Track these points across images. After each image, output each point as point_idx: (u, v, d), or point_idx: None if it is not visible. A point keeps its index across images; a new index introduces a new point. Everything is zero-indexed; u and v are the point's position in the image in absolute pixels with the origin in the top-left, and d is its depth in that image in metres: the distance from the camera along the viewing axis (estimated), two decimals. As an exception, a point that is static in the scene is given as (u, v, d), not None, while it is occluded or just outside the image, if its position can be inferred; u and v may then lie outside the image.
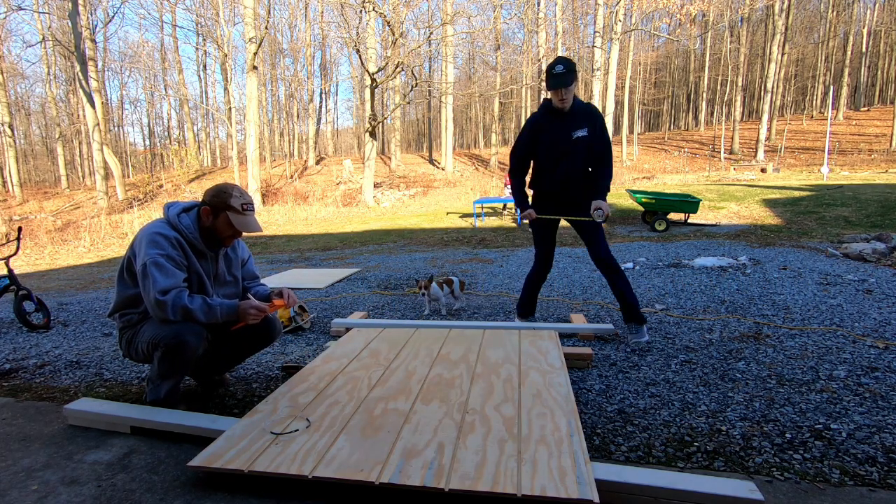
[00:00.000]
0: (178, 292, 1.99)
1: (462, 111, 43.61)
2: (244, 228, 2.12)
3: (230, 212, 2.11)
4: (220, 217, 2.12)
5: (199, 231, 2.14)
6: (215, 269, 2.25)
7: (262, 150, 25.18)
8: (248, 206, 2.15)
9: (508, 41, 32.62)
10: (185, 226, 2.10)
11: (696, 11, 22.23)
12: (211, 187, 2.16)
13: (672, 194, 9.51)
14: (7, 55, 27.93)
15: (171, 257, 2.01)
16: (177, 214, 2.12)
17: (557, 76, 2.72)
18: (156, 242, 2.02)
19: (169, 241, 2.04)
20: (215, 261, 2.25)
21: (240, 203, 2.12)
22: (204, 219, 2.14)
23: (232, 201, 2.10)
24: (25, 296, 3.83)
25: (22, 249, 10.95)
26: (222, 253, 2.27)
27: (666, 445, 1.87)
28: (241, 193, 2.15)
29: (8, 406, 2.36)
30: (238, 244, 2.42)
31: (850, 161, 22.32)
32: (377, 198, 19.04)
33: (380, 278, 5.42)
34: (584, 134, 2.86)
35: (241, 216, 2.12)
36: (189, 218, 2.14)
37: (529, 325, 3.19)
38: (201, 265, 2.16)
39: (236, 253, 2.39)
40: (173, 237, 2.05)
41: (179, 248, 2.06)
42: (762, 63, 32.06)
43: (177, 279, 2.00)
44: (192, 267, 2.11)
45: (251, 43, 17.02)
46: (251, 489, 1.61)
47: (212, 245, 2.20)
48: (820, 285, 4.17)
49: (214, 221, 2.13)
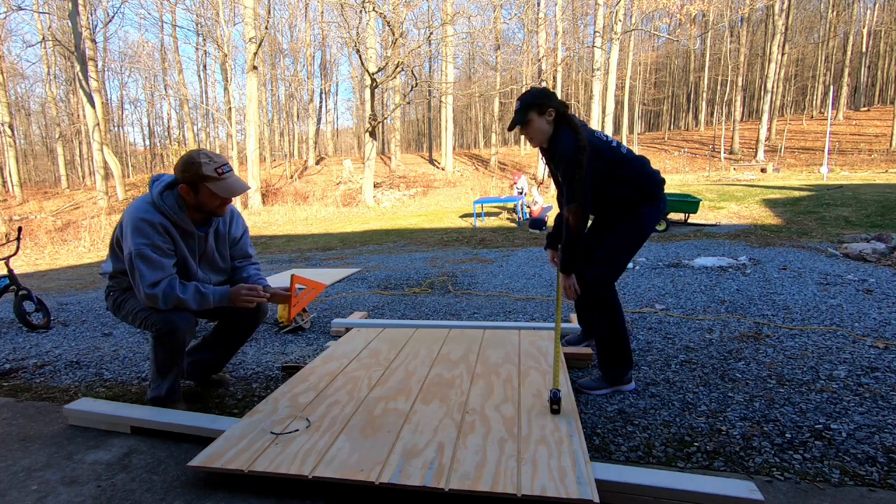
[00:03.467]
0: (169, 282, 1.96)
1: (462, 111, 43.60)
2: (229, 193, 2.00)
3: (208, 182, 1.96)
4: (202, 190, 1.98)
5: (184, 209, 2.03)
6: (204, 247, 2.15)
7: (262, 150, 25.18)
8: (224, 168, 1.99)
9: (508, 41, 32.64)
10: (168, 206, 1.99)
11: (696, 11, 22.23)
12: (178, 161, 2.00)
13: (672, 194, 9.51)
14: (7, 55, 27.92)
15: (156, 246, 1.94)
16: (160, 193, 2.00)
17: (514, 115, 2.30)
18: (140, 230, 1.94)
19: (154, 228, 1.95)
20: (205, 240, 2.14)
21: (213, 169, 1.96)
22: (186, 197, 2.01)
23: (204, 170, 1.94)
24: (25, 296, 3.83)
25: (22, 249, 10.95)
26: (213, 229, 2.16)
27: (666, 445, 1.87)
28: (211, 157, 1.98)
29: (8, 406, 2.36)
30: (235, 218, 2.30)
31: (850, 161, 22.32)
32: (377, 198, 19.04)
33: (380, 278, 5.42)
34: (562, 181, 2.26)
35: (220, 182, 1.97)
36: (172, 196, 2.02)
37: (529, 325, 3.19)
38: (187, 246, 2.08)
39: (228, 229, 2.27)
40: (158, 223, 1.96)
41: (165, 233, 1.98)
42: (762, 63, 32.06)
43: (164, 270, 1.96)
44: (177, 251, 2.04)
45: (251, 43, 17.02)
46: (251, 489, 1.61)
47: (201, 221, 2.11)
48: (820, 285, 4.17)
49: (197, 196, 2.00)
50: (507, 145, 37.55)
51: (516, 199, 11.61)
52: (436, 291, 4.75)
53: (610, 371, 2.33)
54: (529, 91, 2.32)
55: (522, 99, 2.29)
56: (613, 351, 2.32)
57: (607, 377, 2.34)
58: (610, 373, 2.33)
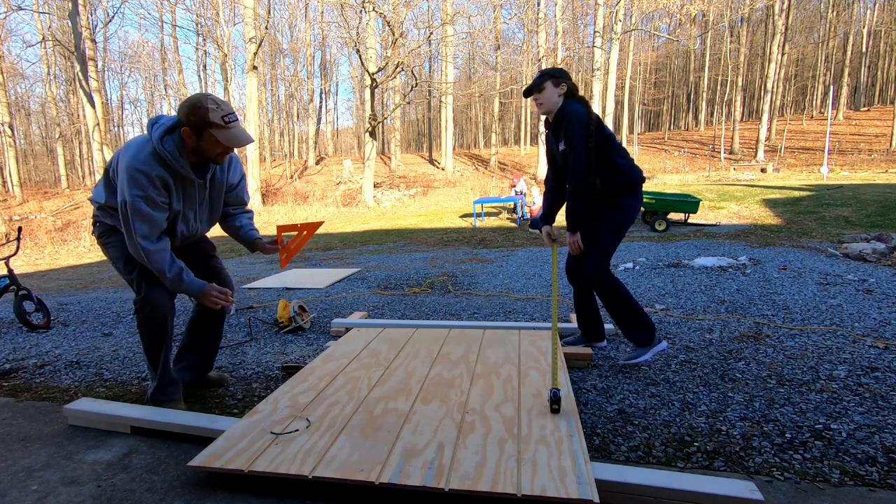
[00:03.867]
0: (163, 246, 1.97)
1: (462, 111, 43.60)
2: (233, 143, 1.95)
3: (213, 129, 1.90)
4: (205, 136, 1.92)
5: (184, 155, 1.97)
6: (202, 195, 2.13)
7: (262, 150, 25.18)
8: (231, 117, 1.94)
9: (508, 41, 32.64)
10: (168, 152, 1.93)
11: (696, 11, 22.24)
12: (183, 103, 1.95)
13: (672, 194, 9.52)
14: (7, 55, 27.92)
15: (150, 199, 1.91)
16: (160, 138, 1.94)
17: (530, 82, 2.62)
18: (136, 181, 1.89)
19: (150, 181, 1.91)
20: (203, 187, 2.12)
21: (220, 116, 1.90)
22: (188, 141, 1.95)
23: (211, 116, 1.89)
24: (25, 296, 3.83)
25: (22, 249, 10.95)
26: (210, 176, 2.12)
27: (666, 445, 1.87)
28: (219, 104, 1.92)
29: (8, 406, 2.36)
30: (234, 164, 2.27)
31: (850, 161, 22.32)
32: (377, 198, 19.04)
33: (380, 278, 5.42)
34: (563, 148, 2.55)
35: (225, 130, 1.92)
36: (173, 141, 1.95)
37: (529, 325, 3.19)
38: (186, 195, 2.06)
39: (226, 175, 2.24)
40: (156, 176, 1.91)
41: (163, 187, 1.95)
42: (762, 63, 32.06)
43: (155, 224, 1.95)
44: (171, 202, 2.00)
45: (251, 43, 17.02)
46: (251, 489, 1.61)
47: (198, 167, 2.06)
48: (820, 285, 4.17)
49: (199, 142, 1.94)
50: (507, 145, 37.57)
51: (516, 200, 11.61)
52: (436, 291, 4.75)
53: (638, 339, 2.55)
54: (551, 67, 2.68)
55: (542, 70, 2.62)
56: (631, 321, 2.55)
57: (639, 344, 2.56)
58: (639, 340, 2.55)
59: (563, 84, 2.56)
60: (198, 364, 2.48)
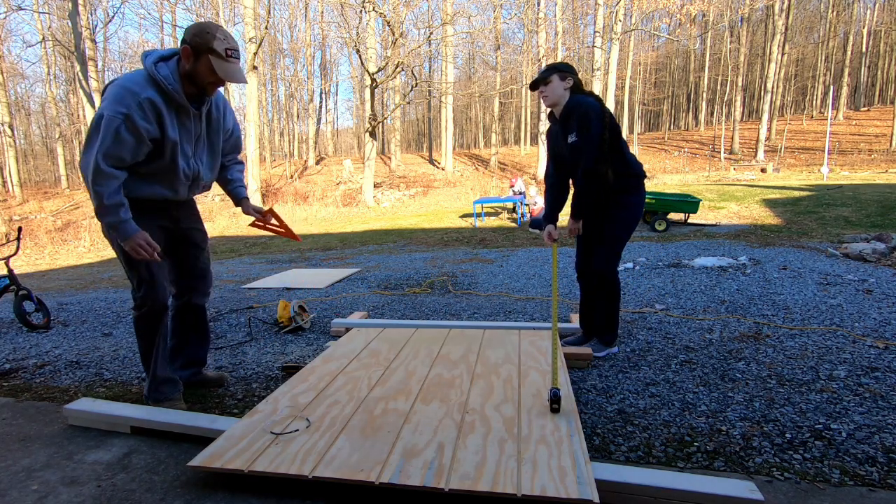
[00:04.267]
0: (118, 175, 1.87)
1: (462, 111, 43.61)
2: (228, 77, 1.90)
3: (213, 56, 1.87)
4: (202, 60, 1.88)
5: (179, 81, 1.91)
6: (198, 129, 2.07)
7: (262, 150, 25.16)
8: (233, 53, 1.91)
9: (508, 41, 32.66)
10: (163, 76, 1.87)
11: (696, 11, 22.23)
12: (191, 25, 1.92)
13: (672, 194, 9.52)
14: (7, 55, 27.93)
15: (131, 122, 1.81)
16: (154, 63, 1.88)
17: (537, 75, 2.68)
18: (121, 99, 1.81)
19: (138, 103, 1.82)
20: (199, 120, 2.06)
21: (224, 48, 1.88)
22: (184, 62, 1.90)
23: (216, 44, 1.87)
24: (25, 296, 3.83)
25: (22, 249, 10.95)
26: (205, 110, 2.08)
27: (666, 445, 1.87)
28: (226, 36, 1.91)
29: (8, 406, 2.36)
30: (226, 107, 2.23)
31: (850, 161, 22.32)
32: (377, 198, 19.04)
33: (380, 278, 5.42)
34: (574, 139, 2.57)
35: (224, 62, 1.89)
36: (168, 68, 1.90)
37: (529, 325, 3.19)
38: (181, 124, 1.99)
39: (223, 116, 2.19)
40: (145, 98, 1.83)
41: (152, 110, 1.86)
42: (762, 63, 32.07)
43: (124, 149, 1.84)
44: (165, 131, 1.92)
45: (251, 43, 17.02)
46: (251, 489, 1.61)
47: (193, 98, 1.99)
48: (820, 285, 4.17)
49: (195, 64, 1.89)
50: (507, 145, 37.58)
51: (515, 200, 11.61)
52: (436, 291, 4.75)
53: (606, 338, 2.82)
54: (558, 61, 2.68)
55: (549, 64, 2.69)
56: (612, 321, 2.79)
57: (604, 341, 2.82)
58: (606, 339, 2.82)
59: (569, 78, 2.61)
60: (192, 361, 2.49)
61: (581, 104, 2.54)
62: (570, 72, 2.63)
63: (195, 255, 2.38)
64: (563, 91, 2.63)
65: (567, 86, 2.62)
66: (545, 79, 2.62)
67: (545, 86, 2.63)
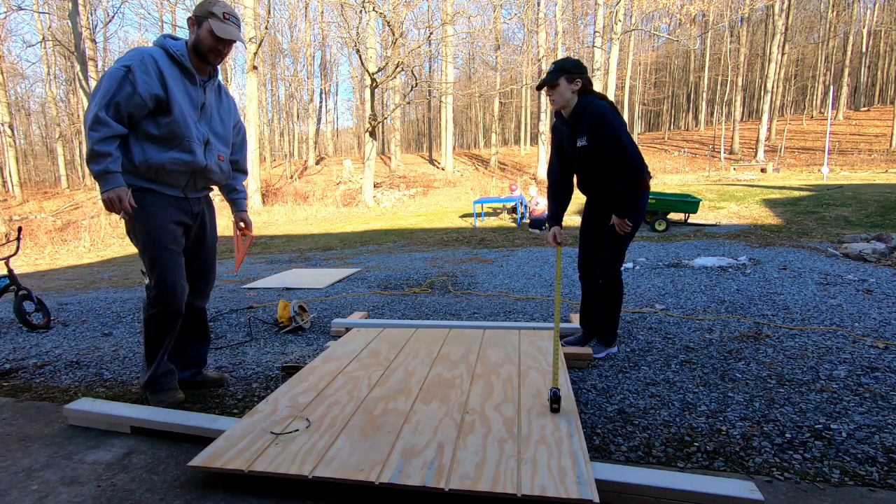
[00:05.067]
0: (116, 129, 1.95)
1: (462, 111, 43.61)
2: (226, 34, 2.06)
3: (212, 19, 2.06)
4: (203, 26, 2.07)
5: (186, 53, 2.10)
6: (204, 98, 2.18)
7: (262, 150, 25.18)
8: (231, 17, 2.10)
9: (508, 41, 32.65)
10: (171, 44, 2.07)
11: (696, 11, 22.23)
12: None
13: (672, 194, 9.52)
14: (7, 55, 27.93)
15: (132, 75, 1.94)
16: (164, 37, 2.10)
17: (545, 75, 2.60)
18: (128, 56, 1.98)
19: (142, 59, 1.97)
20: (204, 89, 2.18)
21: (222, 12, 2.08)
22: (190, 31, 2.12)
23: (214, 9, 2.07)
24: (25, 296, 3.83)
25: (22, 249, 10.95)
26: (213, 85, 2.23)
27: (666, 445, 1.87)
28: (225, 5, 2.11)
29: (8, 406, 2.36)
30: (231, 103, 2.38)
31: (850, 161, 22.32)
32: (377, 198, 19.04)
33: (380, 278, 5.42)
34: (584, 143, 2.56)
35: (220, 23, 2.07)
36: (176, 41, 2.11)
37: (529, 325, 3.19)
38: (188, 90, 2.11)
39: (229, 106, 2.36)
40: (149, 55, 1.99)
41: (154, 67, 1.99)
42: (762, 63, 32.07)
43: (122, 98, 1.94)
44: (168, 87, 2.02)
45: (251, 43, 17.02)
46: (251, 489, 1.61)
47: (201, 68, 2.16)
48: (820, 285, 4.17)
49: (198, 32, 2.08)
50: (507, 145, 37.57)
51: (515, 200, 11.62)
52: (436, 291, 4.75)
53: (606, 338, 2.82)
54: (566, 58, 2.60)
55: (557, 63, 2.58)
56: (613, 322, 2.80)
57: (604, 342, 2.82)
58: (606, 339, 2.82)
59: (577, 80, 2.55)
60: (192, 362, 2.49)
61: (598, 113, 2.49)
62: (578, 72, 2.55)
63: (204, 256, 2.42)
64: (571, 94, 2.57)
65: (575, 88, 2.56)
66: (553, 81, 2.55)
67: (552, 88, 2.57)
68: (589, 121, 2.52)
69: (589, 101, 2.55)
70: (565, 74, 2.53)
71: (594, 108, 2.51)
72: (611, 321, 2.79)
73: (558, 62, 2.59)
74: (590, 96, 2.58)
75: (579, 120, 2.57)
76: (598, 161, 2.58)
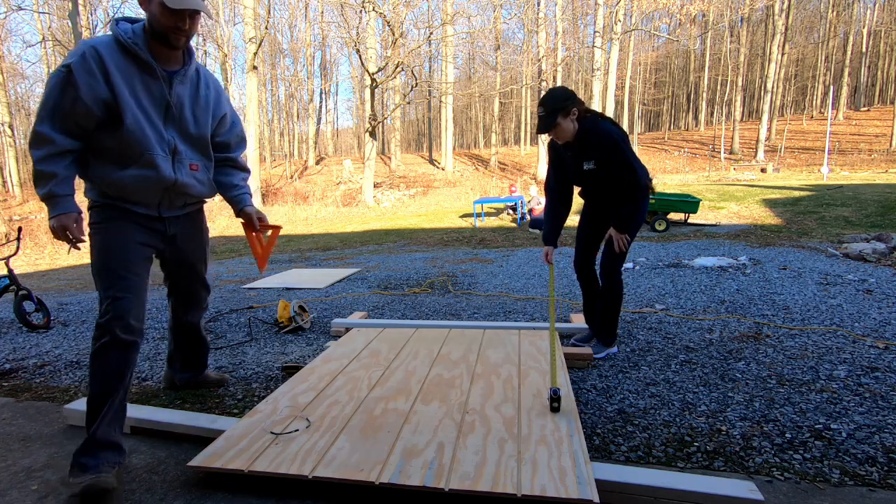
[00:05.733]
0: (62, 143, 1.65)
1: (462, 111, 43.61)
2: (178, 3, 1.65)
3: None
4: (153, 2, 1.68)
5: (143, 38, 1.71)
6: (168, 93, 1.78)
7: (262, 150, 25.18)
8: None
9: (508, 41, 32.64)
10: (122, 30, 1.69)
11: (696, 11, 22.23)
12: None
13: (672, 194, 9.51)
14: (7, 55, 27.93)
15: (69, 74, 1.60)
16: (116, 22, 1.74)
17: (539, 121, 2.54)
18: (72, 51, 1.65)
19: (82, 54, 1.62)
20: (168, 83, 1.77)
21: None
22: (144, 10, 1.72)
23: None
24: (25, 296, 3.83)
25: (22, 249, 10.95)
26: (185, 75, 1.81)
27: (666, 445, 1.87)
28: None
29: (8, 406, 2.36)
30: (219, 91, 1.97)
31: (850, 161, 22.32)
32: (377, 198, 19.04)
33: (380, 278, 5.42)
34: (591, 166, 2.56)
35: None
36: (130, 25, 1.73)
37: (529, 326, 3.19)
38: (148, 87, 1.73)
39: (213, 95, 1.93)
40: (90, 48, 1.63)
41: (97, 64, 1.62)
42: (762, 63, 32.05)
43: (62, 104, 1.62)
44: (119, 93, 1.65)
45: (251, 43, 17.02)
46: (251, 489, 1.61)
47: (165, 59, 1.76)
48: (820, 285, 4.17)
49: (150, 9, 1.69)
50: (507, 145, 37.57)
51: (515, 200, 11.62)
52: (436, 291, 4.75)
53: (607, 338, 2.82)
54: (551, 95, 2.51)
55: (547, 105, 2.49)
56: (613, 322, 2.81)
57: (604, 342, 2.82)
58: (606, 339, 2.82)
59: (573, 110, 2.50)
60: (191, 364, 2.43)
61: (600, 133, 2.48)
62: (570, 102, 2.49)
63: (187, 280, 2.16)
64: (573, 125, 2.53)
65: (574, 118, 2.51)
66: (553, 124, 2.50)
67: (553, 129, 2.52)
68: (596, 145, 2.50)
69: (592, 124, 2.52)
70: (560, 113, 2.47)
71: (600, 131, 2.49)
72: (611, 321, 2.80)
73: (546, 103, 2.50)
74: (591, 118, 2.54)
75: (585, 144, 2.54)
76: (605, 182, 2.59)
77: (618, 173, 2.49)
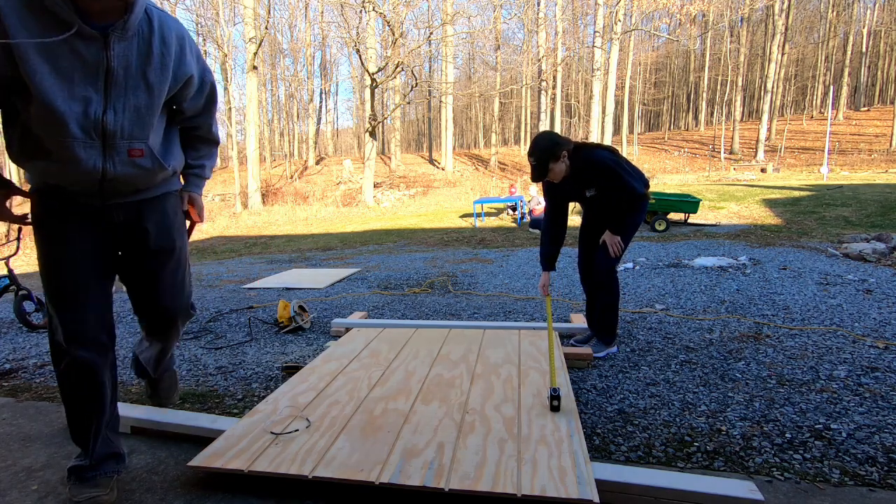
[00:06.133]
0: None
1: (462, 111, 43.61)
2: None
3: None
4: None
5: None
6: (108, 56, 1.32)
7: (262, 150, 25.18)
8: None
9: (508, 41, 32.65)
10: None
11: (696, 11, 22.23)
12: None
13: (672, 194, 9.51)
14: (7, 55, 27.83)
15: None
16: None
17: (532, 170, 2.62)
18: None
19: None
20: (102, 47, 1.31)
21: None
22: None
23: None
24: (25, 296, 3.83)
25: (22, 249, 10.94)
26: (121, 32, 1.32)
27: (666, 445, 1.87)
28: None
29: (8, 406, 2.36)
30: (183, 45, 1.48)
31: (850, 161, 22.33)
32: (377, 198, 19.05)
33: (380, 278, 5.42)
34: (593, 193, 2.68)
35: None
36: None
37: (529, 325, 3.19)
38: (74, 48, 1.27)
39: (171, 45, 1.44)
40: None
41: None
42: (762, 63, 32.06)
43: None
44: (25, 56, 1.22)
45: (251, 43, 17.03)
46: (251, 489, 1.61)
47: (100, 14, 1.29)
48: (820, 285, 4.17)
49: None
50: (507, 145, 37.57)
51: (515, 200, 11.62)
52: (436, 291, 4.75)
53: (607, 337, 2.83)
54: (537, 145, 2.58)
55: (536, 155, 2.56)
56: (612, 321, 2.81)
57: (604, 342, 2.83)
58: (606, 339, 2.83)
59: (563, 152, 2.56)
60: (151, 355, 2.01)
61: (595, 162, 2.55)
62: (558, 147, 2.55)
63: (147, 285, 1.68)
64: (565, 166, 2.59)
65: (564, 158, 2.57)
66: (546, 171, 2.57)
67: (549, 173, 2.59)
68: (596, 174, 2.58)
69: (586, 156, 2.58)
70: (551, 159, 2.55)
71: (595, 160, 2.56)
72: (609, 319, 2.81)
73: (535, 153, 2.57)
74: (584, 151, 2.60)
75: (582, 175, 2.62)
76: (609, 203, 2.68)
77: (618, 195, 2.60)
